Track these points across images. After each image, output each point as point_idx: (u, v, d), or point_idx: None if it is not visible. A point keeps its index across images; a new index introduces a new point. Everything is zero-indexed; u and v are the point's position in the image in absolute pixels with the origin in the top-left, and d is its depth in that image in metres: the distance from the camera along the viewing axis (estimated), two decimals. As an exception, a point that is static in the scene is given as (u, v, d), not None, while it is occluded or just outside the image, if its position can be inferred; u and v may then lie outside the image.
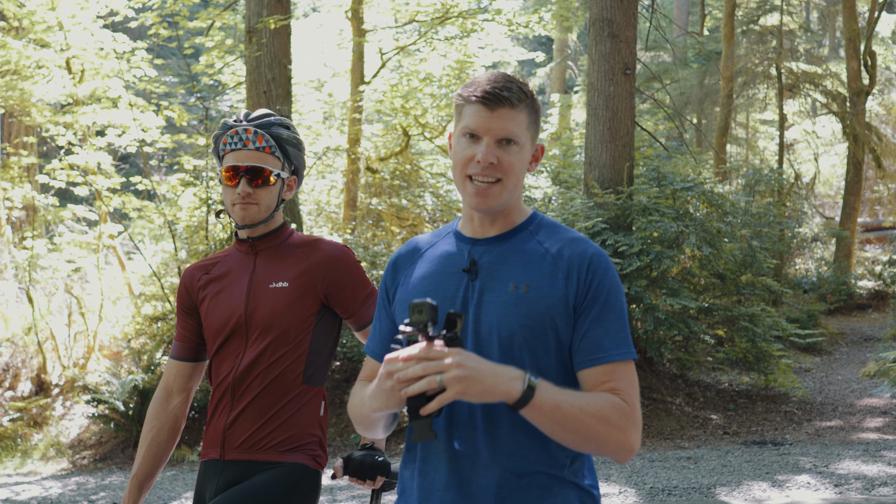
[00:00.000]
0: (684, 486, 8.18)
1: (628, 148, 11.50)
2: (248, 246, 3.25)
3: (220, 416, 3.17)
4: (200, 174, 12.62)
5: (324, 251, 3.22)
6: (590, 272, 2.23)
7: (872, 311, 18.16)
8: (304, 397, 3.15)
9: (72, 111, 13.58)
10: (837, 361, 14.89)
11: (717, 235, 11.80)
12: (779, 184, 18.25)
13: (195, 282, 3.30)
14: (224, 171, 3.17)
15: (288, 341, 3.12)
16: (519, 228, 2.32)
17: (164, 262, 13.74)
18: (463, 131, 2.25)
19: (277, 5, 11.52)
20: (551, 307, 2.20)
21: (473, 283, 2.26)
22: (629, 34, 11.48)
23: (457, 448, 2.20)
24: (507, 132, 2.21)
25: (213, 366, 3.23)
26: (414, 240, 2.48)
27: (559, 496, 2.20)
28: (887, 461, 8.89)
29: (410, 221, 15.94)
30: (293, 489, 3.05)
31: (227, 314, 3.17)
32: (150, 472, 3.24)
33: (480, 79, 2.26)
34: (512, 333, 2.18)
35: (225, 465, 3.11)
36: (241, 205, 3.15)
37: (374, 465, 3.04)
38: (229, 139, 3.17)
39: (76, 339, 12.74)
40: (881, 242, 22.17)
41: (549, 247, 2.27)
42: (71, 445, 11.08)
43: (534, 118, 2.29)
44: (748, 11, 22.33)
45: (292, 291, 3.14)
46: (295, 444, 3.12)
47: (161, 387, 3.33)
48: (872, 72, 19.15)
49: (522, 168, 2.27)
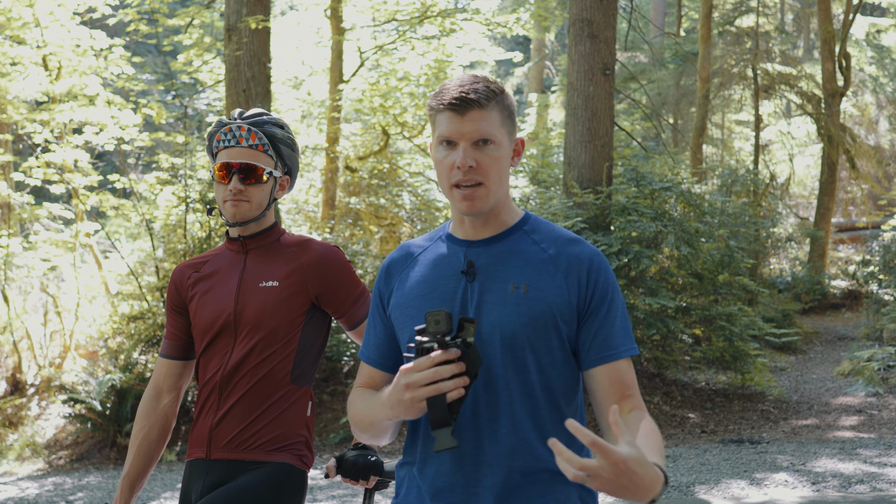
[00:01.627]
0: (663, 485, 8.23)
1: (607, 148, 11.56)
2: (239, 244, 3.25)
3: (206, 415, 3.15)
4: (178, 172, 12.55)
5: (315, 251, 3.21)
6: (592, 274, 2.26)
7: (846, 310, 18.33)
8: (291, 397, 3.15)
9: (48, 108, 13.47)
10: (812, 360, 15.02)
11: (695, 235, 11.87)
12: (754, 184, 18.38)
13: (185, 280, 3.29)
14: (217, 167, 3.16)
15: (276, 340, 3.11)
16: (513, 229, 2.34)
17: (141, 260, 13.67)
18: (439, 140, 2.27)
19: (257, 4, 11.47)
20: (552, 306, 2.22)
21: (471, 284, 2.27)
22: (608, 34, 11.53)
23: (460, 448, 2.21)
24: (481, 133, 2.22)
25: (201, 364, 3.22)
26: (406, 244, 2.49)
27: (561, 493, 2.23)
28: (863, 459, 8.98)
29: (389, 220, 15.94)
30: (280, 489, 3.05)
31: (215, 312, 3.16)
32: (141, 472, 3.23)
33: (449, 85, 2.27)
34: (514, 333, 2.20)
35: (211, 465, 3.10)
36: (233, 202, 3.14)
37: (368, 464, 3.05)
38: (223, 136, 3.17)
39: (52, 338, 12.66)
40: (855, 242, 22.38)
41: (546, 247, 2.30)
42: (47, 446, 10.99)
43: (507, 114, 2.30)
44: (724, 13, 22.47)
45: (282, 290, 3.14)
46: (281, 443, 3.11)
47: (151, 386, 3.31)
48: (847, 73, 19.33)
49: (503, 166, 2.28)
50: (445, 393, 2.04)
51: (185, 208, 12.20)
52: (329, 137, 16.03)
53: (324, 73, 18.26)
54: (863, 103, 25.01)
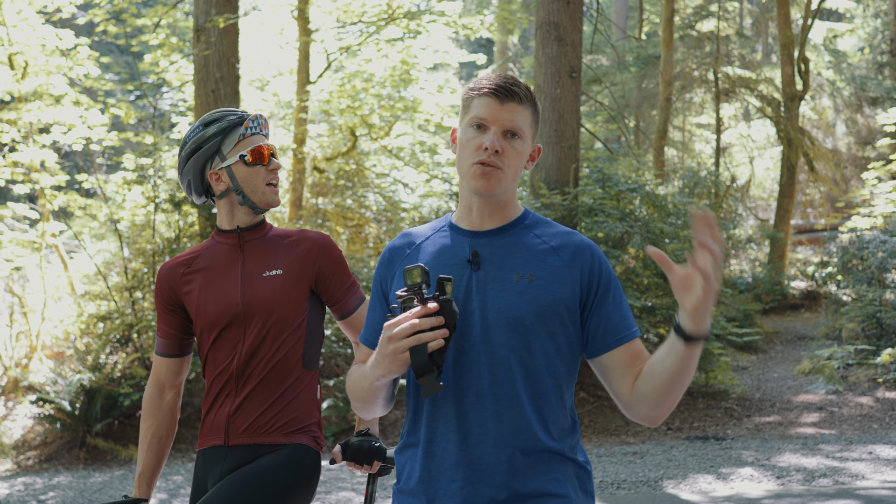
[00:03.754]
0: (632, 480, 8.38)
1: (574, 150, 11.71)
2: (235, 237, 3.32)
3: (222, 404, 3.24)
4: (147, 173, 12.53)
5: (312, 239, 3.34)
6: (594, 263, 2.39)
7: (805, 310, 18.62)
8: (303, 380, 3.26)
9: (15, 108, 13.37)
10: (773, 359, 15.26)
11: (660, 236, 12.05)
12: (715, 186, 18.63)
13: (177, 277, 3.33)
14: (256, 151, 3.27)
15: (288, 326, 3.22)
16: (515, 223, 2.45)
17: (108, 260, 13.60)
18: (471, 122, 2.38)
19: (226, 4, 11.50)
20: (556, 294, 2.33)
21: (477, 273, 2.37)
22: (575, 38, 11.68)
23: (466, 428, 2.31)
24: (513, 124, 2.35)
25: (209, 358, 3.29)
26: (407, 232, 2.58)
27: (559, 471, 2.34)
28: (825, 454, 9.19)
29: (356, 221, 16.00)
30: (298, 469, 3.15)
31: (222, 305, 3.23)
32: (154, 467, 3.31)
33: (490, 76, 2.41)
34: (520, 319, 2.31)
35: (229, 451, 3.19)
36: (273, 186, 3.30)
37: (372, 449, 3.17)
38: (251, 122, 3.29)
39: (18, 338, 12.57)
40: (813, 244, 22.73)
41: (548, 240, 2.42)
42: (15, 446, 10.93)
43: (535, 118, 2.44)
44: (686, 17, 22.74)
45: (287, 277, 3.25)
46: (297, 426, 3.22)
47: (152, 384, 3.38)
48: (806, 77, 19.65)
49: (522, 161, 2.41)
50: (426, 343, 2.15)
51: (153, 208, 12.17)
52: (296, 138, 16.05)
53: (290, 74, 18.26)
54: (821, 107, 25.41)
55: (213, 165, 3.28)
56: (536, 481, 2.31)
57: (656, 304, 12.25)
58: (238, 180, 3.27)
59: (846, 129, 26.03)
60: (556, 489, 2.32)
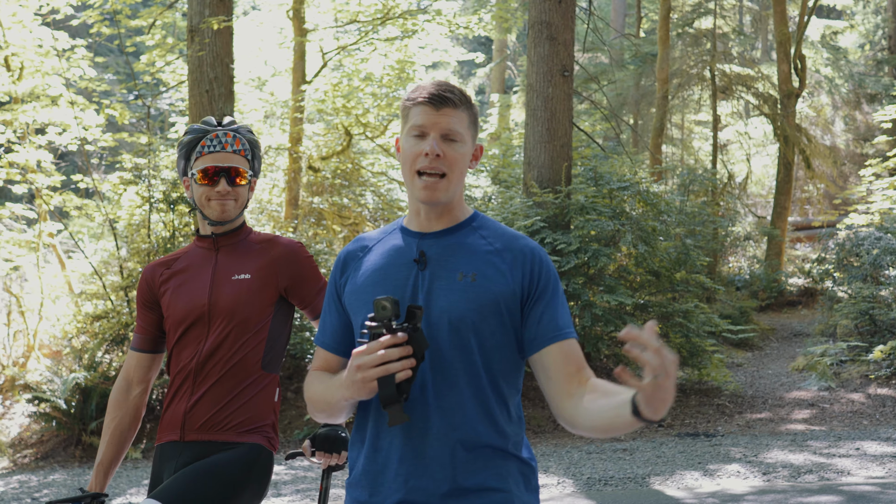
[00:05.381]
0: (620, 477, 8.45)
1: (566, 148, 11.76)
2: (210, 241, 3.46)
3: (179, 400, 3.34)
4: (142, 173, 12.61)
5: (283, 246, 3.45)
6: (535, 265, 2.46)
7: (802, 307, 18.66)
8: (261, 383, 3.35)
9: (11, 109, 13.47)
10: (768, 356, 15.32)
11: (653, 234, 12.10)
12: (712, 183, 18.68)
13: (157, 277, 3.47)
14: (203, 170, 3.36)
15: (249, 329, 3.32)
16: (463, 224, 2.54)
17: (105, 260, 13.69)
18: (410, 131, 2.48)
19: (220, 5, 11.56)
20: (497, 294, 2.41)
21: (423, 273, 2.45)
22: (567, 37, 11.73)
23: (410, 423, 2.38)
24: (451, 128, 2.45)
25: (174, 354, 3.40)
26: (361, 237, 2.68)
27: (502, 467, 2.41)
28: (813, 450, 9.25)
29: (352, 220, 16.06)
30: (250, 468, 3.25)
31: (189, 304, 3.35)
32: (113, 459, 3.40)
33: (425, 84, 2.51)
34: (461, 317, 2.38)
35: (185, 446, 3.29)
36: (220, 201, 3.37)
37: (339, 438, 3.31)
38: (209, 142, 3.39)
39: (16, 337, 12.67)
40: (811, 241, 22.77)
41: (493, 241, 2.50)
42: (11, 444, 11.02)
43: (473, 120, 2.53)
44: (683, 14, 22.77)
45: (254, 282, 3.36)
46: (252, 426, 3.31)
47: (121, 377, 3.48)
48: (802, 74, 19.69)
49: (465, 164, 2.50)
50: (394, 373, 2.21)
51: (148, 208, 12.26)
52: (292, 137, 16.12)
53: (287, 74, 18.33)
54: (819, 104, 25.42)
55: (187, 173, 3.45)
56: (478, 476, 2.38)
57: (649, 301, 12.30)
58: (194, 194, 3.42)
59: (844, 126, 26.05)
60: (498, 484, 2.39)
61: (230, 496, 3.17)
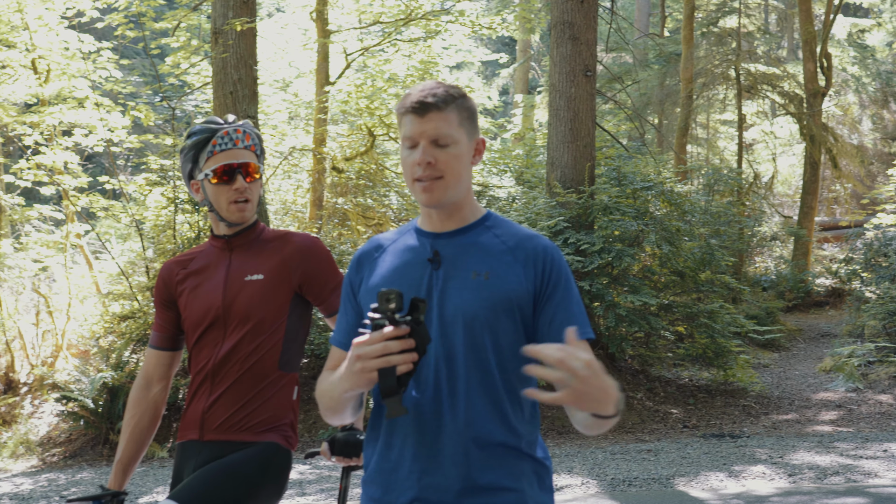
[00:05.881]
0: (644, 477, 8.42)
1: (589, 148, 11.74)
2: (224, 242, 3.42)
3: (198, 400, 3.34)
4: (167, 174, 12.70)
5: (296, 243, 3.40)
6: (546, 263, 2.45)
7: (829, 308, 18.55)
8: (279, 383, 3.34)
9: (38, 111, 13.59)
10: (795, 357, 15.23)
11: (677, 234, 12.06)
12: (738, 183, 18.59)
13: (173, 276, 3.46)
14: (217, 170, 3.31)
15: (264, 330, 3.30)
16: (476, 224, 2.53)
17: (132, 261, 13.79)
18: (403, 142, 2.49)
19: (243, 7, 11.60)
20: (510, 292, 2.41)
21: (437, 272, 2.46)
22: (590, 37, 11.71)
23: (423, 420, 2.39)
24: (438, 133, 2.43)
25: (192, 355, 3.40)
26: (376, 238, 2.68)
27: (516, 466, 2.41)
28: (839, 452, 9.19)
29: (376, 221, 16.08)
30: (266, 466, 3.25)
31: (205, 307, 3.34)
32: (133, 457, 3.40)
33: (412, 90, 2.49)
34: (475, 315, 2.38)
35: (203, 445, 3.29)
36: (238, 204, 3.33)
37: (357, 442, 3.29)
38: (219, 140, 3.33)
39: (44, 337, 12.77)
40: (838, 241, 22.61)
41: (506, 240, 2.50)
42: (40, 443, 11.13)
43: (466, 115, 2.49)
44: (707, 14, 22.67)
45: (267, 283, 3.32)
46: (270, 425, 3.31)
47: (141, 375, 3.48)
48: (828, 73, 19.57)
49: (462, 163, 2.48)
50: (395, 366, 2.20)
51: (174, 209, 12.34)
52: (316, 139, 16.17)
53: (310, 75, 18.39)
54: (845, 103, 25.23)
55: (195, 175, 3.39)
56: (492, 474, 2.37)
57: (674, 301, 12.26)
58: (208, 196, 3.37)
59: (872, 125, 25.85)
60: (512, 484, 2.39)
61: (247, 495, 3.17)
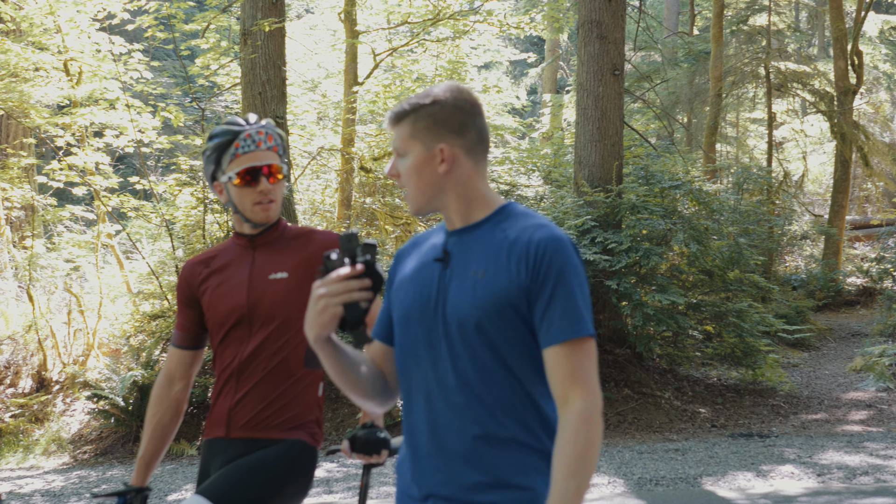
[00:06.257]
0: (671, 477, 8.40)
1: (617, 147, 11.73)
2: (247, 240, 3.45)
3: (224, 398, 3.38)
4: (197, 174, 12.81)
5: (319, 241, 3.43)
6: (538, 256, 2.37)
7: (860, 307, 18.40)
8: (304, 380, 3.38)
9: (70, 113, 13.74)
10: (825, 356, 15.13)
11: (705, 233, 12.01)
12: (767, 182, 18.48)
13: (196, 276, 3.48)
14: (241, 172, 3.32)
15: (290, 328, 3.33)
16: (486, 220, 2.51)
17: (162, 260, 13.92)
18: None
19: (272, 8, 11.68)
20: (500, 291, 2.37)
21: (445, 271, 2.48)
22: (617, 35, 11.70)
23: (434, 418, 2.44)
24: (396, 146, 2.53)
25: (217, 353, 3.44)
26: (416, 235, 2.73)
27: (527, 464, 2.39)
28: (869, 452, 9.13)
29: (404, 220, 16.13)
30: (293, 463, 3.29)
31: (230, 306, 3.37)
32: (155, 453, 3.45)
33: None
34: (467, 315, 2.39)
35: (230, 443, 3.33)
36: (263, 206, 3.35)
37: (378, 440, 3.32)
38: (242, 142, 3.33)
39: (76, 336, 12.91)
40: (869, 240, 22.42)
41: (509, 234, 2.44)
42: (72, 440, 11.26)
43: (422, 125, 2.49)
44: (737, 12, 22.54)
45: (292, 281, 3.35)
46: (296, 423, 3.35)
47: (163, 373, 3.52)
48: (859, 71, 19.40)
49: (418, 173, 2.49)
50: (358, 301, 2.30)
51: (203, 209, 12.44)
52: (344, 139, 16.25)
53: (339, 76, 18.48)
54: (876, 101, 25.01)
55: (218, 177, 3.41)
56: (502, 471, 2.38)
57: (702, 300, 12.21)
58: (232, 198, 3.39)
59: (904, 123, 25.60)
60: (522, 481, 2.38)
61: (274, 491, 3.21)
